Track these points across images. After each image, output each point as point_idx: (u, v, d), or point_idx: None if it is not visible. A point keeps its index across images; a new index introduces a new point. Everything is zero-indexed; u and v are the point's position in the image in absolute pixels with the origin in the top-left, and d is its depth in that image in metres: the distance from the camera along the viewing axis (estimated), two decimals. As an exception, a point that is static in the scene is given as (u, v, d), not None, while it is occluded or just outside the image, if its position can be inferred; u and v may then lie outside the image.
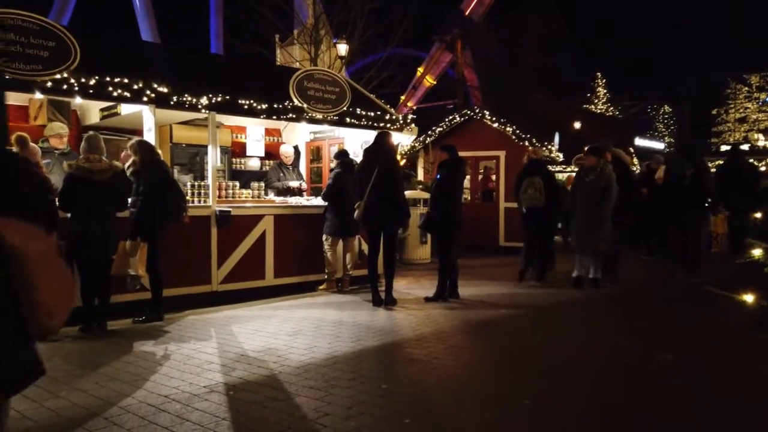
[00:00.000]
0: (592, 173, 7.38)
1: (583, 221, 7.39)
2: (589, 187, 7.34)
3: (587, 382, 3.84)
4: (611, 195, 7.23)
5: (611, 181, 7.26)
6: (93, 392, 3.57)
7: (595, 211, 7.24)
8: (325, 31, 14.47)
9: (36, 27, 5.31)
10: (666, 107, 42.59)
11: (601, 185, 7.22)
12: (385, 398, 3.41)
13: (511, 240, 12.30)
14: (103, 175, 5.22)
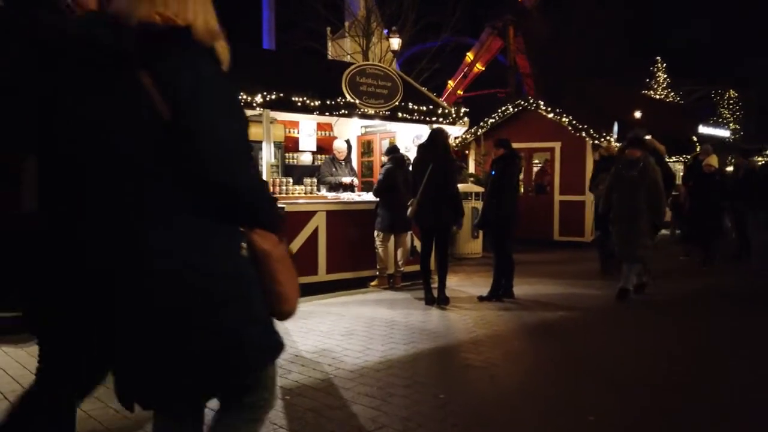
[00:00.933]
0: (633, 168, 6.43)
1: (623, 224, 6.50)
2: (631, 184, 6.43)
3: (650, 392, 3.67)
4: (658, 194, 6.37)
5: (657, 178, 6.37)
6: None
7: (637, 214, 6.37)
8: (376, 23, 14.37)
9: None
10: (732, 92, 40.43)
11: (646, 183, 6.32)
12: (443, 409, 3.35)
13: (567, 234, 11.98)
14: None
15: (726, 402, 3.59)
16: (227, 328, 1.54)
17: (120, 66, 1.45)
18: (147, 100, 1.43)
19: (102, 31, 1.47)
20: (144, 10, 1.49)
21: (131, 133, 1.46)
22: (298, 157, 9.36)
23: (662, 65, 37.46)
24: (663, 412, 3.40)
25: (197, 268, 1.49)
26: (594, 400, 3.56)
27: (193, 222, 1.50)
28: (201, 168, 1.47)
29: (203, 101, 1.46)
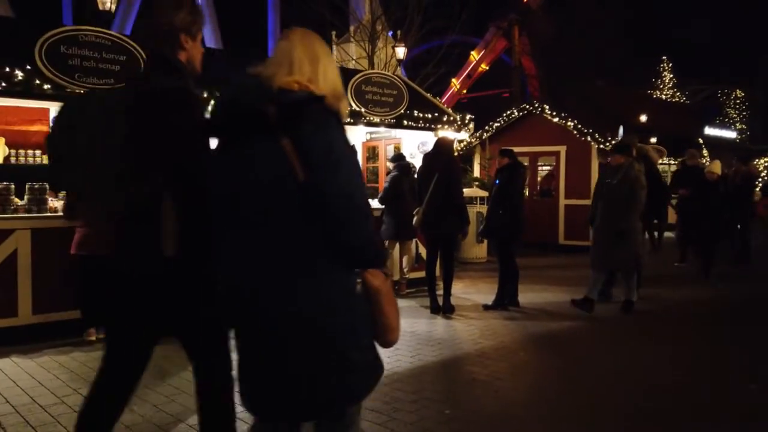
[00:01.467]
0: (615, 175, 6.23)
1: (600, 232, 6.34)
2: (611, 191, 6.21)
3: (662, 412, 3.69)
4: (636, 203, 6.10)
5: (637, 187, 6.09)
6: (163, 407, 3.70)
7: (616, 221, 6.13)
8: (382, 27, 14.39)
9: (108, 42, 5.50)
10: (738, 91, 40.20)
11: (625, 190, 6.08)
12: (448, 425, 3.38)
13: (572, 238, 11.98)
14: None
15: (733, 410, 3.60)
16: (343, 355, 1.77)
17: (264, 130, 1.69)
18: (287, 162, 1.68)
19: (249, 99, 1.74)
20: (283, 78, 1.75)
21: (276, 189, 1.71)
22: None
23: (668, 65, 37.30)
24: (670, 425, 3.42)
25: (322, 303, 1.74)
26: (600, 414, 3.58)
27: (323, 263, 1.75)
28: (330, 225, 1.73)
29: (333, 166, 1.69)
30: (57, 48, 5.22)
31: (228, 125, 1.80)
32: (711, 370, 4.54)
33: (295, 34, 1.86)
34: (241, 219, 1.77)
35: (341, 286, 1.80)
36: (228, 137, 1.81)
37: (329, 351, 1.76)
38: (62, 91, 5.27)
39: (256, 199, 1.73)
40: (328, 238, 1.74)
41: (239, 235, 1.78)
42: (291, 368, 1.75)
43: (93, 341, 5.21)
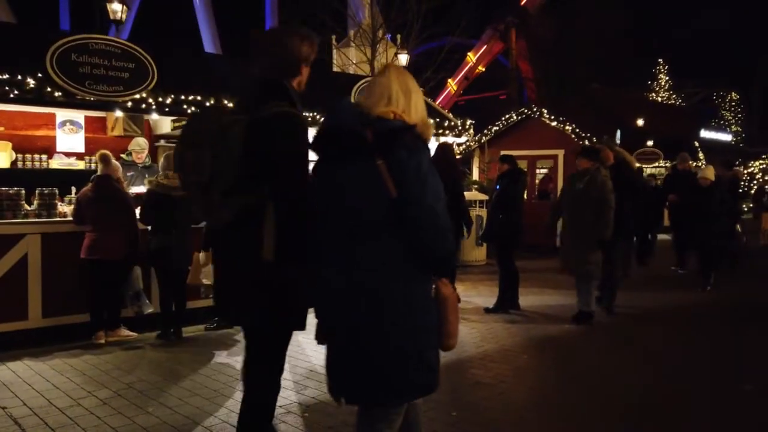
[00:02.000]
0: (581, 180, 5.97)
1: (568, 238, 6.10)
2: (577, 197, 5.96)
3: (661, 414, 3.80)
4: (605, 209, 5.81)
5: (605, 193, 5.82)
6: (178, 409, 3.80)
7: (582, 228, 5.89)
8: (382, 32, 14.48)
9: (117, 50, 5.61)
10: (733, 93, 40.45)
11: (592, 196, 5.82)
12: (455, 427, 3.49)
13: (569, 241, 12.09)
14: (180, 191, 5.47)
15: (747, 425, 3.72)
16: (421, 353, 2.05)
17: (363, 152, 1.98)
18: (381, 180, 1.96)
19: (351, 124, 2.02)
20: (382, 108, 2.06)
21: (368, 203, 2.00)
22: (306, 167, 9.50)
23: (664, 67, 37.51)
24: (670, 425, 3.54)
25: (407, 305, 2.02)
26: (603, 415, 3.69)
27: (407, 269, 2.02)
28: (417, 237, 2.00)
29: (421, 187, 1.96)
30: (68, 56, 5.32)
31: (332, 146, 2.08)
32: (710, 372, 4.65)
33: (392, 72, 2.18)
34: (339, 229, 2.05)
35: (422, 292, 2.08)
36: (330, 156, 2.09)
37: (410, 349, 2.04)
38: (73, 98, 5.38)
39: (352, 212, 2.02)
40: (414, 248, 2.01)
41: (338, 244, 2.05)
42: (377, 360, 2.03)
43: (102, 344, 5.30)
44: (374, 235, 2.00)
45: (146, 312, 5.63)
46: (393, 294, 2.00)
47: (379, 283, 2.01)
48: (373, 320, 2.01)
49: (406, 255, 2.01)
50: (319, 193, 2.12)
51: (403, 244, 2.00)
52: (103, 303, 5.40)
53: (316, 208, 2.13)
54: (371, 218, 1.99)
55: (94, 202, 5.30)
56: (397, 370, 2.03)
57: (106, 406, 3.85)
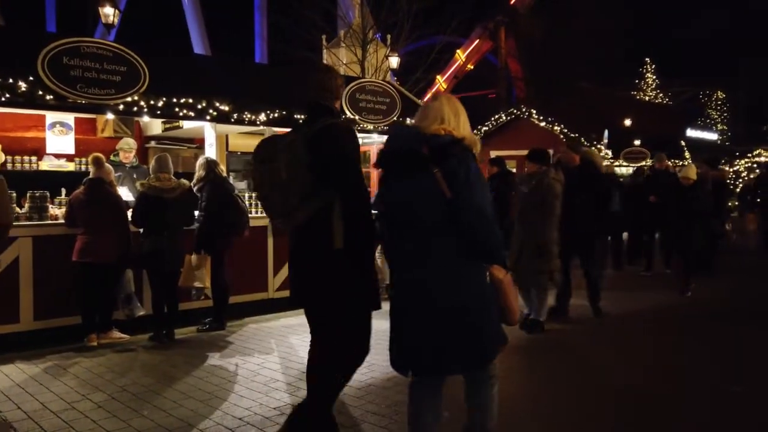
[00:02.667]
0: (528, 184, 5.71)
1: (516, 244, 5.80)
2: (523, 201, 5.77)
3: (653, 413, 3.89)
4: (549, 214, 5.57)
5: (550, 197, 5.55)
6: (172, 412, 3.83)
7: (530, 234, 5.64)
8: (372, 32, 14.51)
9: (109, 53, 5.61)
10: (719, 93, 40.88)
11: (536, 201, 5.58)
12: (448, 427, 3.55)
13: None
14: (172, 193, 5.51)
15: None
16: (480, 326, 2.50)
17: (422, 164, 2.45)
18: (438, 186, 2.42)
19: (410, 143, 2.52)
20: (435, 127, 2.55)
21: (429, 206, 2.46)
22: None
23: (651, 66, 37.83)
24: (665, 426, 3.62)
25: (466, 288, 2.47)
26: (598, 414, 3.77)
27: (462, 261, 2.47)
28: (468, 231, 2.44)
29: (471, 189, 2.41)
30: (60, 59, 5.32)
31: (395, 163, 2.59)
32: (701, 373, 4.76)
33: (443, 98, 2.69)
34: (407, 230, 2.52)
35: (477, 277, 2.52)
36: (394, 171, 2.59)
37: (470, 325, 2.49)
38: (65, 102, 5.37)
39: (418, 214, 2.48)
40: (467, 241, 2.44)
41: (407, 241, 2.52)
42: (442, 336, 2.48)
43: (94, 347, 5.31)
44: (436, 232, 2.45)
45: (138, 315, 5.65)
46: (454, 280, 2.44)
47: (443, 271, 2.45)
48: (441, 303, 2.45)
49: (460, 248, 2.44)
50: (386, 201, 2.62)
51: (458, 239, 2.43)
52: (94, 306, 5.40)
53: (383, 212, 2.65)
54: (433, 218, 2.44)
55: (87, 204, 5.31)
56: (465, 341, 2.49)
57: (100, 409, 3.87)
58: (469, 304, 2.46)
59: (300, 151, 2.71)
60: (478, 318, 2.48)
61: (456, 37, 21.84)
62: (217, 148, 7.07)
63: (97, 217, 5.32)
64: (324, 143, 2.74)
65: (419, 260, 2.49)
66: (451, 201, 2.38)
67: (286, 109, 6.81)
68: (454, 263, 2.45)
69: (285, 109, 6.80)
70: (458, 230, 2.42)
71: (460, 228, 2.42)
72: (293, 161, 2.71)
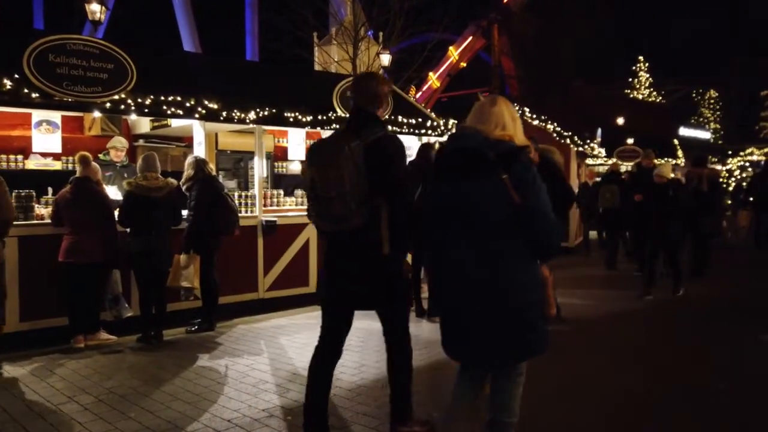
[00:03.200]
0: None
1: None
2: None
3: (641, 412, 3.87)
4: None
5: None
6: (160, 414, 3.78)
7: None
8: (364, 30, 14.43)
9: (96, 51, 5.53)
10: (712, 91, 41.06)
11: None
12: (434, 427, 3.51)
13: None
14: (159, 192, 5.44)
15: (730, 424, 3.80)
16: (536, 320, 2.62)
17: (490, 168, 2.52)
18: (506, 191, 2.50)
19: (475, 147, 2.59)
20: (498, 134, 2.61)
21: (494, 208, 2.54)
22: (287, 167, 9.46)
23: (645, 65, 37.94)
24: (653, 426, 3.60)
25: (522, 284, 2.57)
26: (584, 414, 3.75)
27: (523, 260, 2.58)
28: (533, 233, 2.54)
29: (537, 195, 2.51)
30: (45, 56, 5.23)
31: (458, 164, 2.62)
32: (686, 370, 4.75)
33: (502, 103, 2.73)
34: (468, 229, 2.58)
35: (533, 273, 2.63)
36: (456, 172, 2.62)
37: (522, 318, 2.59)
38: (50, 100, 5.29)
39: (483, 215, 2.56)
40: (530, 241, 2.56)
41: (467, 241, 2.59)
42: (495, 329, 2.58)
43: (81, 348, 5.24)
44: (501, 233, 2.55)
45: (125, 316, 5.58)
46: (517, 277, 2.56)
47: (506, 269, 2.56)
48: (503, 300, 2.56)
49: (524, 247, 2.57)
50: (440, 202, 2.68)
51: (521, 239, 2.55)
52: (81, 307, 5.33)
53: (433, 212, 2.72)
54: (497, 219, 2.54)
55: (73, 204, 5.23)
56: (522, 335, 2.60)
57: (87, 411, 3.81)
58: (529, 300, 2.59)
59: (361, 161, 2.96)
60: (534, 313, 2.62)
61: (449, 34, 21.78)
62: (206, 147, 6.99)
63: (83, 217, 5.25)
64: (379, 156, 3.00)
65: (479, 260, 2.56)
66: (519, 206, 2.50)
67: (276, 107, 6.74)
68: (515, 262, 2.57)
69: (275, 107, 6.73)
70: (523, 232, 2.54)
71: (526, 231, 2.53)
72: (356, 170, 2.94)
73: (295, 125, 7.04)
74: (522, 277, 2.57)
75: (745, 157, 28.20)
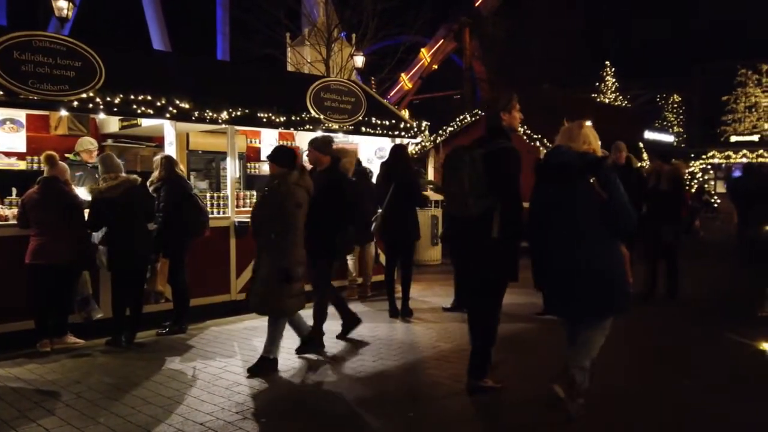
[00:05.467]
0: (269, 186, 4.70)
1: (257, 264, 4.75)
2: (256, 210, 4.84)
3: (624, 407, 3.96)
4: (285, 230, 4.47)
5: (284, 207, 4.48)
6: (131, 418, 3.71)
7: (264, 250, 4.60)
8: (337, 31, 14.40)
9: (63, 48, 5.40)
10: (676, 96, 42.16)
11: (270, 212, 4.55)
12: (412, 427, 3.54)
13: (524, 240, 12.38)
14: (114, 192, 5.26)
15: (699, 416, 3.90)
16: (620, 285, 3.58)
17: (581, 174, 3.52)
18: (595, 191, 3.50)
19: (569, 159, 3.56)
20: (584, 148, 3.59)
21: (586, 203, 3.52)
22: (260, 167, 9.39)
23: (611, 69, 38.74)
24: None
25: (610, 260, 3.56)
26: (561, 413, 3.82)
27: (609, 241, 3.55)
28: (616, 222, 3.51)
29: (617, 191, 3.48)
30: (10, 54, 5.09)
31: (557, 173, 3.60)
32: (659, 369, 4.86)
33: (585, 126, 3.70)
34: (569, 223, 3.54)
35: (618, 251, 3.59)
36: (554, 178, 3.61)
37: (610, 285, 3.54)
38: (16, 98, 5.15)
39: (580, 211, 3.53)
40: (614, 229, 3.52)
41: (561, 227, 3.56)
42: (590, 293, 3.53)
43: (48, 352, 5.11)
44: (591, 222, 3.50)
45: (95, 317, 5.46)
46: (604, 254, 3.53)
47: (601, 251, 3.52)
48: (595, 270, 3.50)
49: (608, 231, 3.52)
50: (544, 200, 3.66)
51: (608, 228, 3.50)
52: (48, 309, 5.20)
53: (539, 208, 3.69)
54: (588, 211, 3.50)
55: (41, 204, 5.10)
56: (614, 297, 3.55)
57: (55, 417, 3.72)
58: (615, 271, 3.53)
59: (479, 167, 3.78)
60: (619, 280, 3.55)
61: (421, 37, 21.88)
62: (177, 147, 6.89)
63: (51, 218, 5.12)
64: (496, 163, 3.81)
65: (576, 242, 3.50)
66: (605, 201, 3.45)
67: (249, 107, 6.69)
68: (603, 243, 3.52)
69: (248, 108, 6.67)
70: (608, 220, 3.47)
71: (611, 218, 3.47)
72: (474, 175, 3.78)
73: (269, 126, 7.00)
74: (608, 254, 3.52)
75: (707, 160, 29.04)
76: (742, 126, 37.44)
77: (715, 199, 25.78)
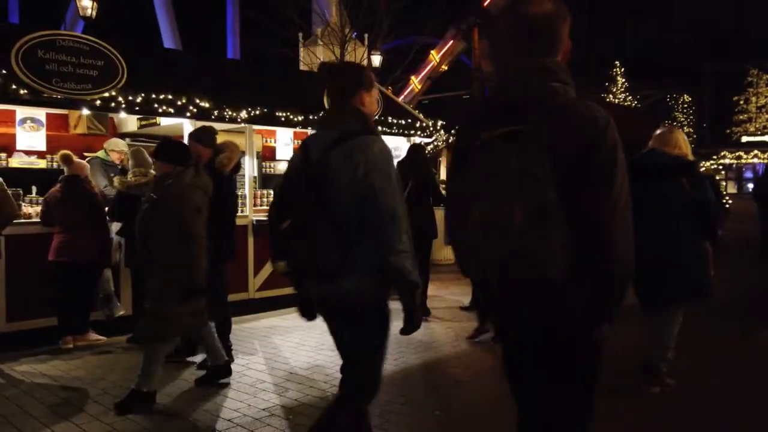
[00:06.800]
0: (156, 191, 3.94)
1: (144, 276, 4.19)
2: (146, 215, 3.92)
3: (637, 408, 3.95)
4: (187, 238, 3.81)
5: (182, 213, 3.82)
6: (158, 414, 3.74)
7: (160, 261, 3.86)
8: (350, 30, 14.41)
9: (86, 47, 5.45)
10: (686, 96, 41.97)
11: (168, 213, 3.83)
12: (441, 427, 3.55)
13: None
14: (141, 189, 5.28)
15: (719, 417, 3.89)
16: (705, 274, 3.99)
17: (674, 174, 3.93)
18: (686, 189, 3.89)
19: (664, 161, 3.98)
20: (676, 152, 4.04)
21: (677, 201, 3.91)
22: (275, 166, 9.41)
23: (620, 69, 38.62)
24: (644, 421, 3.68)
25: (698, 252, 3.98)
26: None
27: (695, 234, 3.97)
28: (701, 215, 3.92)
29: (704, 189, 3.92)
30: (34, 52, 5.14)
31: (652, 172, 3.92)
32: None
33: (677, 131, 4.15)
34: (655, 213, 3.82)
35: (702, 244, 3.96)
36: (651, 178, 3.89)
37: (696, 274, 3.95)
38: (39, 96, 5.20)
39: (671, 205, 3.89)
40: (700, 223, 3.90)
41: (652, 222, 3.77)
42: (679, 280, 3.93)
43: (71, 348, 5.16)
44: (679, 217, 3.87)
45: (117, 315, 5.51)
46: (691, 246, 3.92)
47: (686, 240, 3.90)
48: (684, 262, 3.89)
49: (695, 227, 3.90)
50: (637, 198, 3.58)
51: (693, 221, 3.88)
52: (71, 306, 5.24)
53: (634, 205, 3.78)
54: (678, 208, 3.88)
55: (65, 203, 5.15)
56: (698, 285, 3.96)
57: (83, 413, 3.75)
58: (700, 263, 3.91)
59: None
60: (704, 271, 3.93)
61: (433, 37, 21.88)
62: (196, 146, 6.92)
63: (76, 216, 5.17)
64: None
65: (666, 236, 3.85)
66: (694, 198, 3.84)
67: (267, 106, 6.72)
68: (689, 237, 3.90)
69: (267, 107, 6.71)
70: (694, 216, 3.85)
71: (698, 213, 3.85)
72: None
73: (287, 125, 7.03)
74: (694, 246, 3.90)
75: (718, 161, 28.90)
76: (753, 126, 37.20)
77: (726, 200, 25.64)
